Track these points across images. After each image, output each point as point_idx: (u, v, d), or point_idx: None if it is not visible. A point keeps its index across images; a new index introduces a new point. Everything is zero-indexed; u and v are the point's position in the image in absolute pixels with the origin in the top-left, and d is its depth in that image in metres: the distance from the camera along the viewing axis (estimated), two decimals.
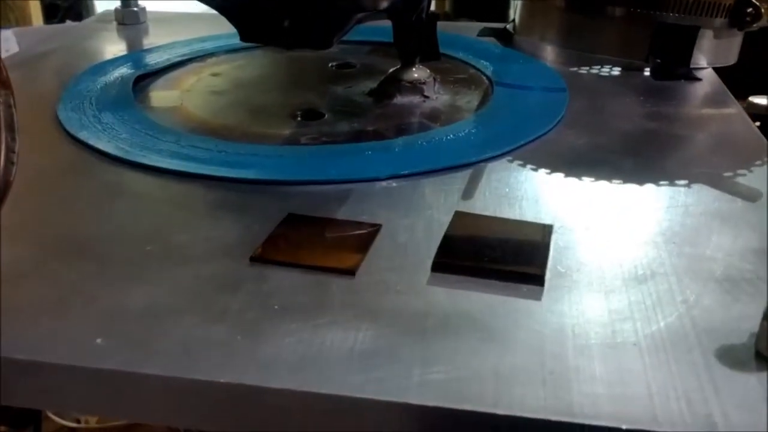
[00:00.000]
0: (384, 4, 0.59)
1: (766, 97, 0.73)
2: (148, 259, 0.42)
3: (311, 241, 0.44)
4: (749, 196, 0.49)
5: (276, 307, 0.37)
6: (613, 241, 0.44)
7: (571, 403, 0.31)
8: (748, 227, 0.45)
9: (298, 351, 0.34)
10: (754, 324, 0.34)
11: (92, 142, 0.56)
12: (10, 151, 0.37)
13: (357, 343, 0.35)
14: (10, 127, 0.37)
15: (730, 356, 0.34)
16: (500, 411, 0.31)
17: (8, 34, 2.14)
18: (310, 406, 0.32)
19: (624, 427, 0.30)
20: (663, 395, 0.32)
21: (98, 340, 0.35)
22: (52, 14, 3.18)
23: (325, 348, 0.35)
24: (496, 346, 0.35)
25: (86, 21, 0.94)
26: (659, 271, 0.41)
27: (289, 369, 0.33)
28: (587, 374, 0.33)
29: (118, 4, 0.91)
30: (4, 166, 0.37)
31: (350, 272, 0.41)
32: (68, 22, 2.46)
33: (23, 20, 2.76)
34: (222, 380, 0.33)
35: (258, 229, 0.45)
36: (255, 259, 0.42)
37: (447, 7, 4.07)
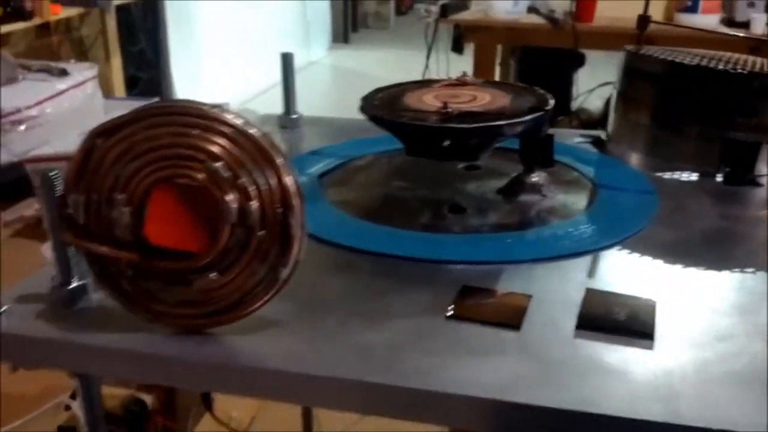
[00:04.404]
0: (519, 130, 0.79)
1: None
2: (377, 313, 0.62)
3: (484, 305, 0.63)
4: None
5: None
6: (698, 313, 0.62)
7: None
8: None
9: (480, 381, 0.53)
10: None
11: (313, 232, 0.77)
12: (301, 242, 0.58)
13: (516, 375, 0.54)
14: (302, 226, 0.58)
15: None
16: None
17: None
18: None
19: None
20: None
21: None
22: (133, 85, 3.51)
23: (496, 379, 0.54)
24: (611, 379, 0.53)
25: None
26: (732, 333, 0.58)
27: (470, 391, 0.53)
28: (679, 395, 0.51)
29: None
30: (297, 250, 0.58)
31: (516, 327, 0.60)
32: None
33: (108, 90, 3.05)
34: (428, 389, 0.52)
35: (444, 293, 0.65)
36: (450, 317, 0.61)
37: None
